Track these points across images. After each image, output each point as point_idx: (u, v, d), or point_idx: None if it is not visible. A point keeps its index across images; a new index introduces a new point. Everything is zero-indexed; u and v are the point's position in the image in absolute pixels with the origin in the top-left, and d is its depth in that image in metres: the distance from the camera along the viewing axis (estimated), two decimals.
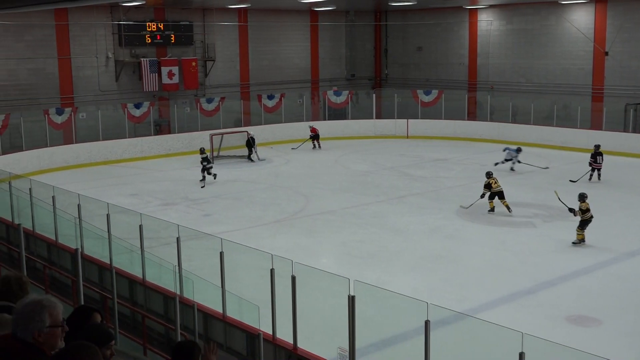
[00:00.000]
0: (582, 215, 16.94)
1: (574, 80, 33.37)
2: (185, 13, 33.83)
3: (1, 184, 17.59)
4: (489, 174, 20.53)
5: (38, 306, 3.86)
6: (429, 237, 18.11)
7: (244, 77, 36.51)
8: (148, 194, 23.57)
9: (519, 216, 19.95)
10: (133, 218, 13.92)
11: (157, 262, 12.57)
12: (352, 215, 20.29)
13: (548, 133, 31.34)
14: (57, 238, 15.15)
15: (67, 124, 29.11)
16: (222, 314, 11.08)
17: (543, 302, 13.65)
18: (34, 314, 3.83)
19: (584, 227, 17.01)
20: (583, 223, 17.00)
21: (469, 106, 35.60)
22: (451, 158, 29.31)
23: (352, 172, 26.90)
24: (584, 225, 17.01)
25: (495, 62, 36.56)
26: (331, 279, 10.30)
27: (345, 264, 15.83)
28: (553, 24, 34.04)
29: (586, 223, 16.99)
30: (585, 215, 16.96)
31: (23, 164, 26.47)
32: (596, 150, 24.45)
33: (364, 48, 41.55)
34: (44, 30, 29.94)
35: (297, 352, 9.80)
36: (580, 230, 17.02)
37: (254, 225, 19.49)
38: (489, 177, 20.35)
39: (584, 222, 16.99)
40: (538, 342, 7.53)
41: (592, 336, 12.06)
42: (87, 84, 31.40)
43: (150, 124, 31.46)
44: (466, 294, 13.99)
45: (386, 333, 11.76)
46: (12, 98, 29.28)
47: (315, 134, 32.28)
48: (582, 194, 17.24)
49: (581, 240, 16.98)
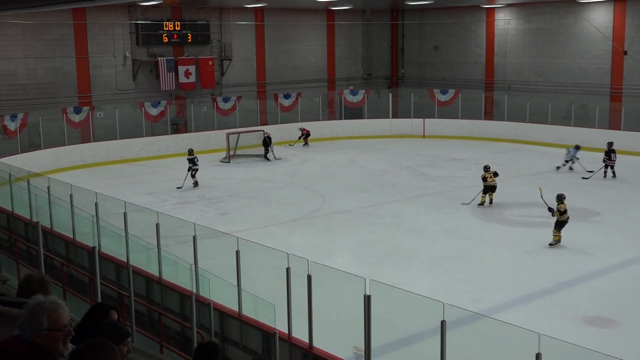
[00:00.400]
0: (560, 217, 16.92)
1: (592, 80, 33.14)
2: (202, 12, 33.94)
3: (20, 182, 17.74)
4: (487, 168, 20.94)
5: (39, 307, 3.86)
6: (445, 237, 18.05)
7: (261, 76, 36.57)
8: (165, 192, 23.67)
9: (536, 216, 19.84)
10: (150, 216, 13.99)
11: (173, 260, 12.62)
12: (368, 214, 20.27)
13: (565, 133, 31.10)
14: (75, 236, 15.26)
15: (85, 123, 29.29)
16: (238, 313, 11.11)
17: (560, 302, 13.57)
18: (34, 315, 3.84)
19: (560, 228, 16.99)
20: (560, 224, 16.98)
21: (486, 106, 35.45)
22: (468, 158, 29.20)
23: (369, 171, 26.87)
24: (560, 226, 16.99)
25: (512, 62, 36.38)
26: (347, 278, 10.30)
27: (361, 264, 15.82)
28: (571, 23, 33.81)
29: (563, 224, 16.98)
30: (563, 217, 16.94)
31: (41, 163, 26.68)
32: (609, 147, 24.35)
33: (381, 47, 41.49)
34: (62, 29, 30.15)
35: (313, 351, 9.80)
36: (557, 231, 17.00)
37: (270, 224, 19.52)
38: (486, 171, 20.75)
39: (561, 223, 16.97)
40: (555, 342, 7.49)
41: (609, 337, 11.98)
42: (105, 83, 31.58)
43: (167, 123, 31.59)
44: (482, 294, 13.95)
45: (402, 333, 11.74)
46: (31, 97, 29.52)
47: (307, 132, 32.61)
48: (560, 195, 17.17)
49: (557, 241, 16.95)
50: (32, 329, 3.83)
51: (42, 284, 4.89)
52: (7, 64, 28.95)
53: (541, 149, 30.30)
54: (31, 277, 5.00)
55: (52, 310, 3.88)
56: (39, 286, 4.85)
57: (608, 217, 19.68)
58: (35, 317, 3.84)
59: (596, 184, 23.75)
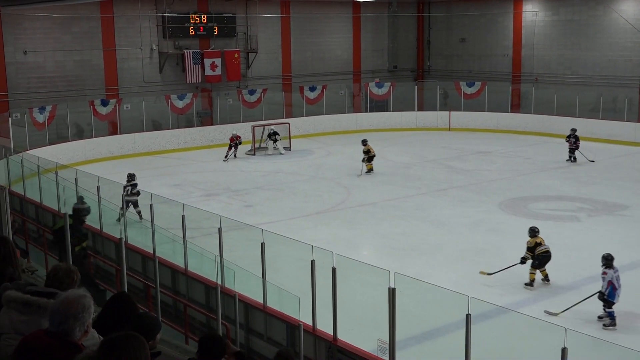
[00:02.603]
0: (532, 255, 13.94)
1: (621, 72, 32.72)
2: (228, 5, 34.00)
3: (48, 174, 17.93)
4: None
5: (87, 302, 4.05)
6: (471, 230, 17.96)
7: (286, 69, 36.59)
8: (190, 184, 23.81)
9: (563, 210, 19.69)
10: (175, 208, 14.08)
11: (199, 252, 12.70)
12: (394, 207, 20.23)
13: (593, 126, 30.74)
14: (102, 227, 15.40)
15: (112, 115, 29.53)
16: (263, 305, 11.15)
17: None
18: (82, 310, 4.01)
19: (538, 267, 13.97)
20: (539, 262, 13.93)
21: (513, 98, 35.17)
22: (494, 151, 29.01)
23: (394, 164, 26.80)
24: (540, 265, 13.95)
25: (540, 54, 36.02)
26: (372, 271, 10.29)
27: (385, 257, 15.80)
28: (600, 15, 33.38)
29: (543, 260, 13.95)
30: (540, 250, 13.93)
31: (69, 155, 26.94)
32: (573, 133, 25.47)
33: (407, 39, 41.28)
34: (90, 22, 30.39)
35: (337, 344, 9.82)
36: (533, 270, 13.95)
37: (295, 216, 19.56)
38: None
39: (541, 260, 13.93)
40: (581, 337, 7.44)
41: (636, 332, 11.85)
42: (132, 75, 31.80)
43: (193, 115, 31.75)
44: (508, 287, 13.86)
45: (426, 326, 11.72)
46: (59, 89, 29.82)
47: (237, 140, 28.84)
48: (532, 228, 14.26)
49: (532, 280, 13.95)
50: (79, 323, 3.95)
51: (69, 274, 4.96)
52: (37, 56, 29.26)
53: None
54: (59, 268, 5.07)
55: (90, 305, 4.03)
56: (65, 275, 4.92)
57: (636, 211, 19.45)
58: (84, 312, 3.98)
59: (624, 177, 23.48)
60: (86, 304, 4.01)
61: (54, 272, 4.99)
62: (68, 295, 4.06)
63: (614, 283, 12.08)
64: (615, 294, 12.04)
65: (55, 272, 4.97)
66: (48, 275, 5.00)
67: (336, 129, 33.66)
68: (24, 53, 28.91)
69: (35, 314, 4.34)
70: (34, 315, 4.34)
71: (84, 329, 3.99)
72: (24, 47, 28.92)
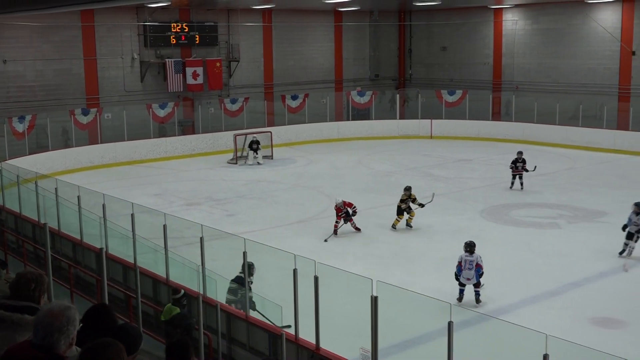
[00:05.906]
0: None
1: (600, 80, 33.04)
2: (210, 14, 33.98)
3: (28, 184, 17.80)
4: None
5: (72, 314, 3.99)
6: (453, 238, 17.98)
7: (268, 78, 36.59)
8: (172, 193, 23.71)
9: (544, 217, 19.80)
10: (157, 218, 14.01)
11: (180, 261, 12.64)
12: (375, 215, 20.25)
13: (573, 133, 31.03)
14: (82, 237, 15.29)
15: (93, 124, 29.35)
16: (245, 314, 11.11)
17: (568, 303, 13.53)
18: (67, 322, 3.94)
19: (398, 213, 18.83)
20: None
21: (494, 106, 35.37)
22: (475, 158, 29.15)
23: (376, 172, 26.85)
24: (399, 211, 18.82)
25: (520, 62, 36.30)
26: (354, 279, 10.29)
27: (368, 265, 15.79)
28: (579, 24, 33.72)
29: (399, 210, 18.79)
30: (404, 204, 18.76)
31: (49, 164, 26.74)
32: (519, 156, 23.06)
33: (388, 48, 41.46)
34: (71, 31, 30.23)
35: (320, 352, 9.80)
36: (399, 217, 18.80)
37: (277, 225, 19.53)
38: None
39: None
40: (562, 343, 7.47)
41: (617, 338, 11.93)
42: (113, 84, 31.65)
43: (175, 124, 31.65)
44: (490, 295, 13.91)
45: (409, 334, 11.73)
46: (39, 99, 29.60)
47: None
48: None
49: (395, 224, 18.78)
50: (64, 336, 3.90)
51: (40, 282, 4.73)
52: (16, 65, 29.06)
53: (549, 150, 30.20)
54: (26, 275, 4.73)
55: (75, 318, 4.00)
56: (37, 285, 4.68)
57: (615, 218, 19.58)
58: (68, 325, 3.91)
59: (604, 184, 23.67)
60: (71, 316, 3.95)
61: (24, 279, 4.73)
62: (52, 307, 3.99)
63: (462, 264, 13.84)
64: None
65: (25, 279, 4.71)
66: (17, 284, 4.76)
67: (318, 138, 33.68)
68: (4, 62, 28.70)
69: (9, 329, 4.26)
70: (8, 331, 4.26)
71: (68, 341, 3.94)
72: (4, 57, 28.70)
